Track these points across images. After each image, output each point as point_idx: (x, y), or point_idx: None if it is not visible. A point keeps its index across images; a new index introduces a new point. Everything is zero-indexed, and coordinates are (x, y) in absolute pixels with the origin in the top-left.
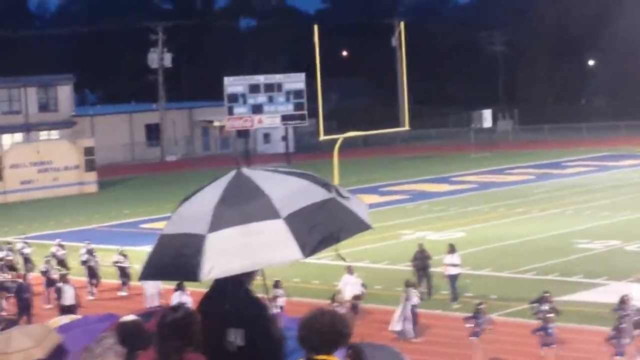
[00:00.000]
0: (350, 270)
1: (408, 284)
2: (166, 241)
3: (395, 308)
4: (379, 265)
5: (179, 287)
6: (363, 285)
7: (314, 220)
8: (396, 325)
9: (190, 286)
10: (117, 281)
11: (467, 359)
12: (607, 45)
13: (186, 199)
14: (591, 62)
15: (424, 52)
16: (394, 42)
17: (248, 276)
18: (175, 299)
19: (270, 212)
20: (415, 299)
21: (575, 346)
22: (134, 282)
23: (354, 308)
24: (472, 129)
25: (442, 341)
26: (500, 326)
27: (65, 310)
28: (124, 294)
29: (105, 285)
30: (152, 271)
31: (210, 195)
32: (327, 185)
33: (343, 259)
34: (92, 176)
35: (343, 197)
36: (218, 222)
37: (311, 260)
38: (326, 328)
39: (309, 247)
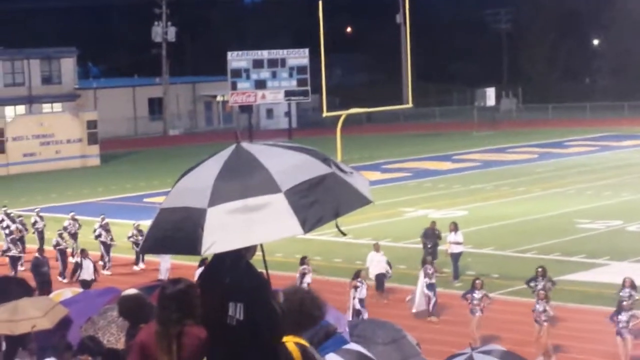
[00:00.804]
0: (376, 247)
1: (425, 262)
2: (166, 215)
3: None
4: (381, 242)
5: (202, 264)
6: (388, 263)
7: (314, 194)
8: (420, 305)
9: None
10: (132, 256)
11: (468, 337)
12: (611, 24)
13: (185, 173)
14: (596, 41)
15: (428, 29)
16: (399, 19)
17: (248, 250)
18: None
19: (270, 187)
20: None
21: (576, 325)
22: (151, 257)
23: (379, 287)
24: (476, 107)
25: (444, 319)
26: (501, 305)
27: (85, 284)
28: (138, 268)
29: (119, 260)
30: (152, 244)
31: (210, 169)
32: (326, 160)
33: (343, 234)
34: (95, 149)
35: (343, 171)
36: (218, 196)
37: (313, 236)
38: (294, 308)
39: (309, 222)
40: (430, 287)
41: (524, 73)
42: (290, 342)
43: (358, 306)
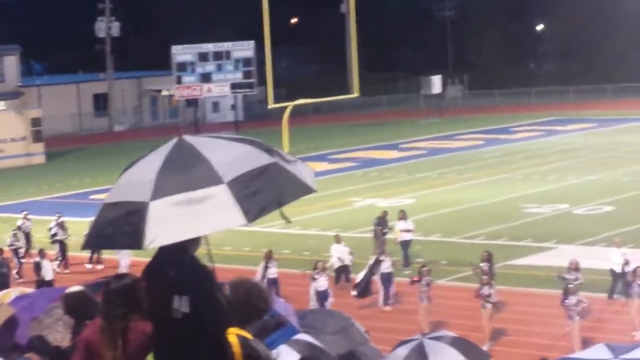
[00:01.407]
0: (337, 239)
1: (380, 252)
2: (108, 210)
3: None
4: (330, 232)
5: None
6: (351, 253)
7: (256, 185)
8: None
9: None
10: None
11: (417, 324)
12: (555, 9)
13: (128, 167)
14: (540, 27)
15: (372, 18)
16: (343, 8)
17: (193, 243)
18: None
19: (212, 178)
20: (387, 265)
21: (525, 309)
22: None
23: (338, 280)
24: (422, 95)
25: (395, 307)
26: (450, 291)
27: (43, 284)
28: (99, 267)
29: (77, 258)
30: (96, 240)
31: (152, 163)
32: (269, 150)
33: (288, 220)
34: (40, 147)
35: (287, 161)
36: (160, 189)
37: (260, 228)
38: (240, 300)
39: (252, 212)
40: (388, 277)
41: (470, 60)
42: (232, 334)
43: (314, 299)
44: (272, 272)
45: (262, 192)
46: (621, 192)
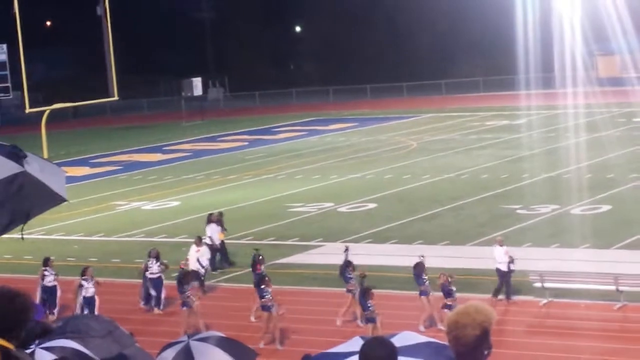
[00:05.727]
0: (198, 242)
1: (151, 255)
2: None
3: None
4: (94, 237)
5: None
6: (209, 260)
7: (1, 197)
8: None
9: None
10: None
11: (187, 326)
12: (312, 11)
13: None
14: (298, 28)
15: (130, 21)
16: (99, 10)
17: None
18: None
19: None
20: (156, 269)
21: (293, 307)
22: None
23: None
24: (183, 97)
25: (167, 310)
26: (222, 292)
27: None
28: None
29: None
30: None
31: None
32: (18, 158)
33: (22, 238)
34: None
35: (36, 170)
36: None
37: (19, 235)
38: (1, 310)
39: None
40: (157, 281)
41: (230, 61)
42: None
43: (78, 308)
44: (49, 279)
45: (9, 206)
46: (382, 189)
